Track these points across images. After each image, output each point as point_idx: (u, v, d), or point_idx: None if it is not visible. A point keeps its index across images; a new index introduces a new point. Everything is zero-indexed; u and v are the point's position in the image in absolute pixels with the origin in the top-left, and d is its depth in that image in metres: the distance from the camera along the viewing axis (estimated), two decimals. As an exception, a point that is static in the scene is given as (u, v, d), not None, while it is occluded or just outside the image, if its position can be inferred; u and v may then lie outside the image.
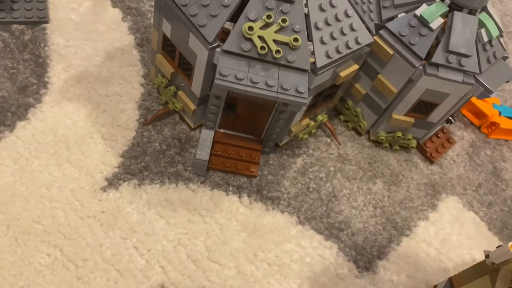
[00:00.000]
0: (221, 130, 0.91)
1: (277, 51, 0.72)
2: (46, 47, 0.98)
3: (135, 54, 1.02)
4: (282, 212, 0.88)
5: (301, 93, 0.74)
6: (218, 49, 0.73)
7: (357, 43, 0.80)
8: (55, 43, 0.99)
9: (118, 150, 0.88)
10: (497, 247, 0.69)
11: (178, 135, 0.92)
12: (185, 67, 0.84)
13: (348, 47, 0.79)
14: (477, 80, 0.85)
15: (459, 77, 0.84)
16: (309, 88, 0.77)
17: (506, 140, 1.14)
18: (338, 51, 0.77)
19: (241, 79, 0.72)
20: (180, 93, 0.88)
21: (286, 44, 0.73)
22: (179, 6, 0.74)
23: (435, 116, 0.94)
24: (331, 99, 0.95)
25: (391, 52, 0.85)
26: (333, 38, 0.77)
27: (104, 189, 0.83)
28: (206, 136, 0.88)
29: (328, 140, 1.01)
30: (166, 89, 0.91)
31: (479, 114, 1.13)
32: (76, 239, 0.77)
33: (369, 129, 1.02)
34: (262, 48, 0.72)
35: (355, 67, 0.85)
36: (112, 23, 1.06)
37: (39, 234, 0.76)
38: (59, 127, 0.88)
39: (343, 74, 0.82)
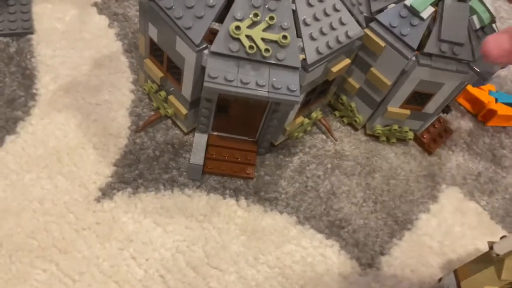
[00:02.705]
0: (215, 133, 0.90)
1: (266, 50, 0.71)
2: (32, 58, 0.96)
3: (123, 61, 1.01)
4: (281, 212, 0.87)
5: (293, 91, 0.72)
6: (206, 51, 0.72)
7: (348, 37, 0.78)
8: (41, 54, 0.97)
9: (110, 159, 0.86)
10: (500, 238, 0.68)
11: (171, 140, 0.91)
12: (174, 71, 0.82)
13: (338, 41, 0.77)
14: (471, 68, 0.84)
15: (453, 66, 0.83)
16: (300, 86, 0.76)
17: (504, 127, 1.13)
18: (328, 46, 0.76)
19: (231, 80, 0.70)
20: (171, 97, 0.87)
21: (275, 42, 0.72)
22: (163, 9, 0.72)
23: (431, 106, 0.93)
24: (325, 95, 0.94)
25: (382, 44, 0.84)
26: (322, 33, 0.75)
27: (98, 200, 0.81)
28: (200, 140, 0.86)
29: (324, 137, 0.99)
30: (156, 94, 0.89)
31: (476, 102, 1.12)
32: (72, 253, 0.76)
33: (365, 123, 1.01)
34: (251, 47, 0.70)
35: (347, 61, 0.83)
36: (98, 30, 1.05)
37: (33, 249, 0.75)
38: (49, 139, 0.86)
39: (335, 69, 0.81)
